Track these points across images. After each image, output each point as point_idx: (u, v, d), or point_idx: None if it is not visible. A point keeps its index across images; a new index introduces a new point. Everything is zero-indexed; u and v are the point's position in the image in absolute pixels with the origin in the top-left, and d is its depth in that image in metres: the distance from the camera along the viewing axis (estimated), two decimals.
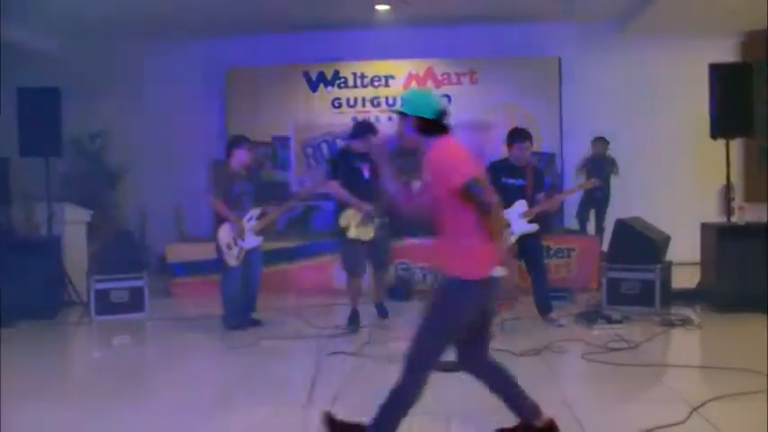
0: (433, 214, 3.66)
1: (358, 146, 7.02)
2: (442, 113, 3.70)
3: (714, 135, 7.84)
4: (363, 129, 7.11)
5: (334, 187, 6.93)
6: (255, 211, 7.04)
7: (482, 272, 3.52)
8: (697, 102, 9.05)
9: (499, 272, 3.57)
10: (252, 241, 6.99)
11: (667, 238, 7.88)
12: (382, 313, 7.44)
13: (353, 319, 7.03)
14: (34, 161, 8.63)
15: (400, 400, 3.60)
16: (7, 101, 8.64)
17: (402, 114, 3.71)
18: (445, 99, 3.61)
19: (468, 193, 3.45)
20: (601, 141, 10.75)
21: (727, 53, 10.51)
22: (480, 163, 3.84)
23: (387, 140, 4.09)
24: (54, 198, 8.79)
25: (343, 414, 4.22)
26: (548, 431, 3.81)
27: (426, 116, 3.66)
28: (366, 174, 7.02)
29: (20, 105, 8.33)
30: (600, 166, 10.58)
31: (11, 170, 9.59)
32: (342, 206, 6.97)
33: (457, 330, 3.62)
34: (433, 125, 3.67)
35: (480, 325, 3.72)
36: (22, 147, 8.32)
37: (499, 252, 3.59)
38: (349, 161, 7.05)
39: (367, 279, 7.42)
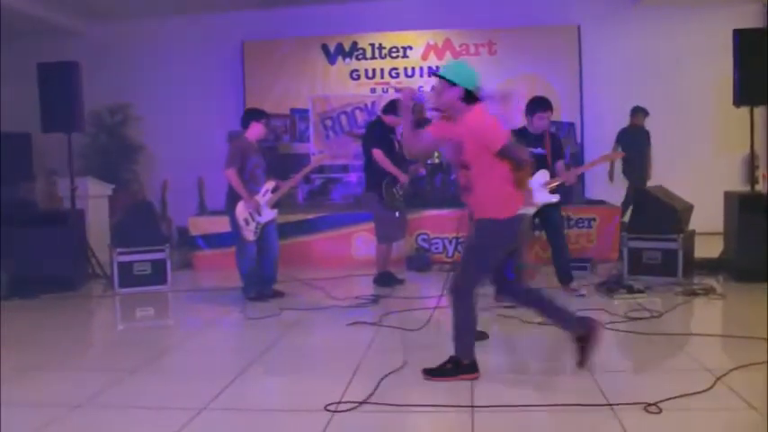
0: (460, 169, 4.35)
1: (390, 120, 7.47)
2: (478, 86, 4.28)
3: (737, 103, 7.71)
4: (398, 107, 7.40)
5: (380, 156, 7.33)
6: (270, 185, 7.06)
7: (511, 211, 4.22)
8: (718, 70, 8.95)
9: (523, 210, 4.34)
10: (267, 214, 7.02)
11: (690, 207, 7.81)
12: (394, 282, 7.74)
13: (384, 280, 7.55)
14: (56, 135, 8.66)
15: (465, 326, 4.41)
16: (28, 76, 8.66)
17: (448, 82, 4.24)
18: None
19: (504, 154, 4.13)
20: (640, 112, 10.45)
21: (748, 20, 10.33)
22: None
23: (414, 93, 4.64)
24: (76, 172, 8.84)
25: (363, 383, 4.27)
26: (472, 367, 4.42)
27: (470, 87, 4.24)
28: (396, 146, 7.49)
29: (40, 80, 8.34)
30: (637, 137, 10.31)
31: (33, 146, 9.68)
32: (380, 175, 7.33)
33: (494, 262, 4.37)
34: (472, 95, 4.27)
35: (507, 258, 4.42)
36: (44, 122, 8.33)
37: (523, 197, 4.33)
38: (382, 132, 7.49)
39: None
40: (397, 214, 7.53)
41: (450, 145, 4.38)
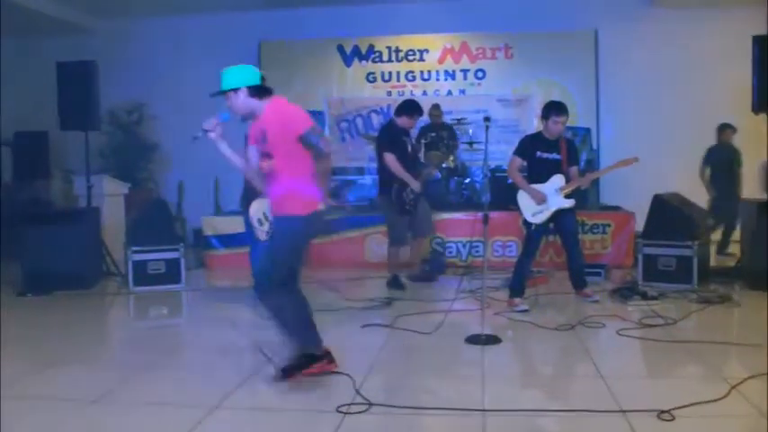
0: (263, 164, 4.35)
1: (403, 122, 7.46)
2: (264, 78, 4.34)
3: (756, 110, 7.63)
4: (411, 108, 7.49)
5: (391, 160, 7.28)
6: None
7: (312, 207, 4.29)
8: (736, 75, 8.87)
9: (322, 207, 4.38)
10: None
11: (706, 215, 7.76)
12: (418, 279, 7.84)
13: (395, 283, 7.53)
14: (72, 134, 8.72)
15: (295, 321, 4.40)
16: (46, 75, 8.76)
17: (232, 90, 4.31)
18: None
19: (306, 140, 4.15)
20: (728, 128, 9.76)
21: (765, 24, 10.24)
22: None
23: (217, 120, 4.63)
24: (93, 171, 8.89)
25: (379, 384, 4.27)
26: (326, 356, 4.49)
27: (255, 83, 4.29)
28: (408, 148, 7.52)
29: (59, 79, 8.40)
30: (726, 154, 9.71)
31: (50, 144, 9.74)
32: (391, 178, 7.31)
33: (297, 258, 4.48)
34: (262, 89, 4.31)
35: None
36: (62, 120, 8.40)
37: (322, 192, 4.37)
38: (395, 135, 7.45)
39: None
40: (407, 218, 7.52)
41: (261, 139, 4.35)
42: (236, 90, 4.30)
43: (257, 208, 6.88)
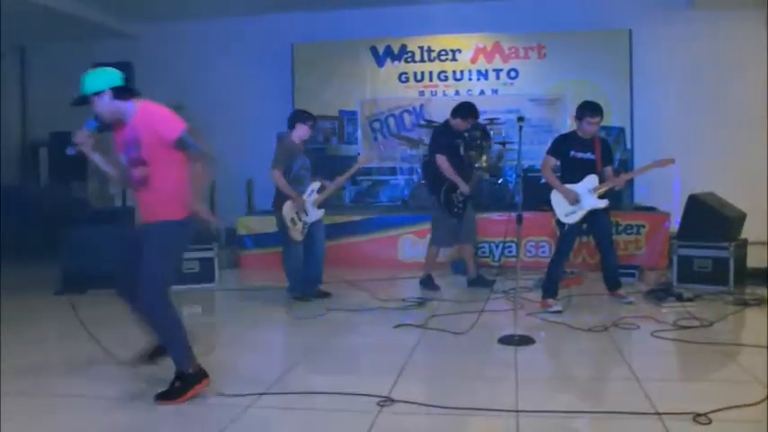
0: (134, 172, 4.14)
1: (458, 124, 7.43)
2: (126, 79, 4.18)
3: None
4: (467, 110, 7.44)
5: (442, 162, 7.29)
6: (315, 185, 7.10)
7: (188, 211, 4.13)
8: None
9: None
10: (314, 215, 7.05)
11: (742, 215, 7.66)
12: (478, 283, 7.67)
13: (428, 283, 7.55)
14: (108, 136, 8.82)
15: (171, 336, 4.24)
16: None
17: (95, 95, 4.06)
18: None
19: (181, 144, 4.00)
20: None
21: None
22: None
23: (87, 131, 4.30)
24: None
25: (412, 383, 4.27)
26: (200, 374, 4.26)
27: (118, 84, 4.08)
28: (461, 151, 7.51)
29: None
30: None
31: None
32: (441, 179, 7.33)
33: (176, 264, 4.40)
34: (126, 91, 4.12)
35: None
36: (99, 121, 8.49)
37: (195, 194, 4.17)
38: (448, 137, 7.44)
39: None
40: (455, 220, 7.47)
41: (132, 146, 4.12)
42: (99, 94, 4.07)
43: (290, 208, 6.95)
